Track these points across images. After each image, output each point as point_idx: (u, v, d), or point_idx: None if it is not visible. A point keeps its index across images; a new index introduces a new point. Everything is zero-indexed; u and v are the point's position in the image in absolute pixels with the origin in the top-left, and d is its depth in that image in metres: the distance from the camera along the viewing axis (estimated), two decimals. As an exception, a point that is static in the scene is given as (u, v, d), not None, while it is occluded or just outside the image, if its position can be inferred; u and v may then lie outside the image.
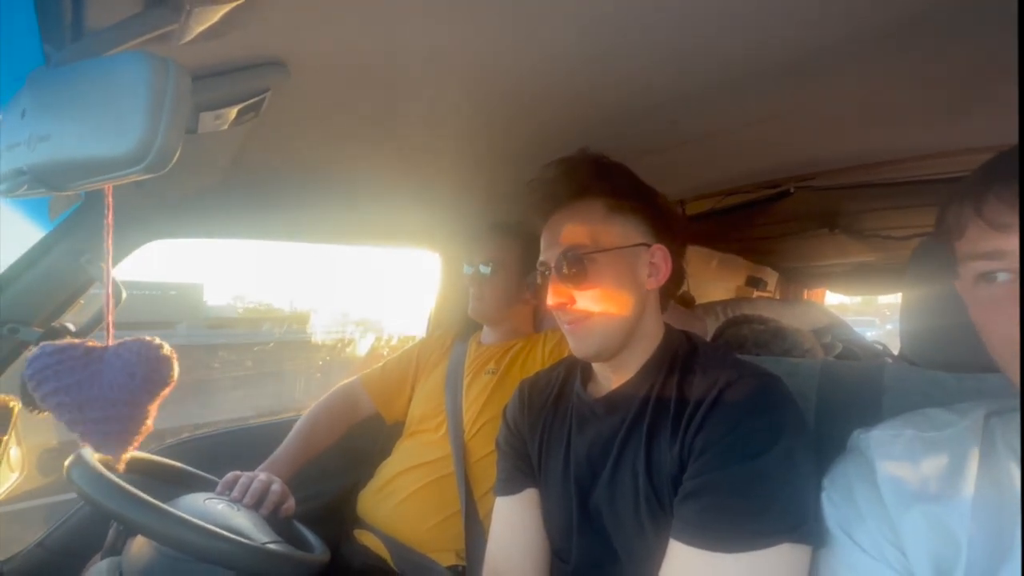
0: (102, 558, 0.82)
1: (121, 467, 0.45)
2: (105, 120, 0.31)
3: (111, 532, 0.84)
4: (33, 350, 0.44)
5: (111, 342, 0.44)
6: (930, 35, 0.65)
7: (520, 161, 1.04)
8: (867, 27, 0.63)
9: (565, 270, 0.70)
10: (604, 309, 0.69)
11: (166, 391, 0.45)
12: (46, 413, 0.76)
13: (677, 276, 0.76)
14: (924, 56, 0.70)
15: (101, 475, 0.69)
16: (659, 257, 0.73)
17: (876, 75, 0.75)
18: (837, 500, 0.56)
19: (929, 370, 0.71)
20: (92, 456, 0.73)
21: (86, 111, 0.32)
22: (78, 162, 0.32)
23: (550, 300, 0.71)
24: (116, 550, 0.82)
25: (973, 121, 0.92)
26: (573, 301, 0.70)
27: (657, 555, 0.60)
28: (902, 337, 0.74)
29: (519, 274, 1.23)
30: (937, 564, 0.48)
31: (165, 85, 0.30)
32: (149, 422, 0.44)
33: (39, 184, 0.35)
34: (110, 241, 0.44)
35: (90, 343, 0.44)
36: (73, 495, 0.71)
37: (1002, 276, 0.46)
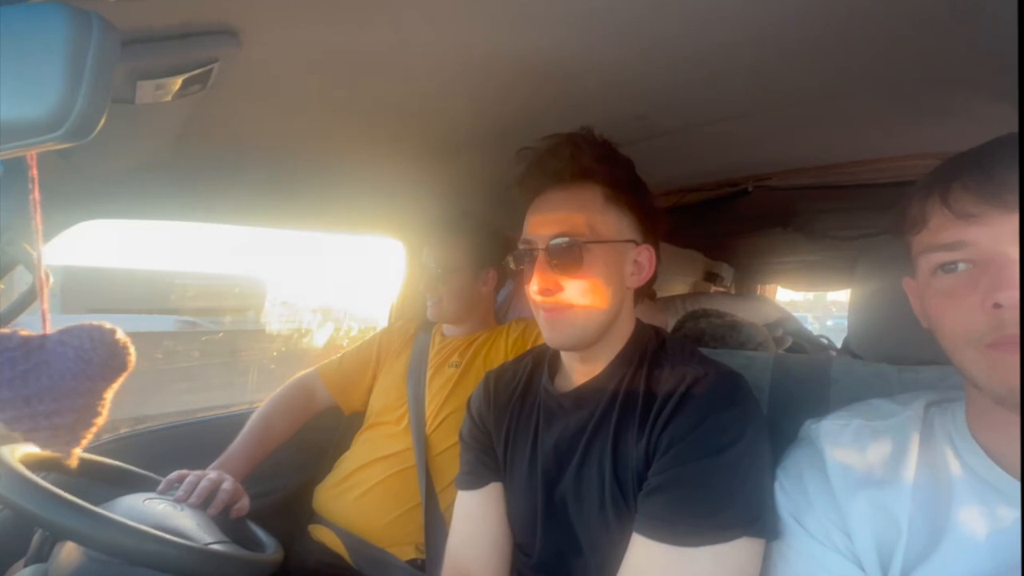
0: (25, 565, 0.75)
1: (74, 463, 0.40)
2: (16, 77, 0.27)
3: (36, 537, 0.77)
4: None
5: (48, 330, 0.40)
6: (888, 45, 0.67)
7: (483, 150, 1.02)
8: (830, 34, 0.65)
9: (557, 256, 0.67)
10: (587, 302, 0.68)
11: (122, 378, 0.41)
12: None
13: (653, 276, 0.75)
14: (881, 65, 0.73)
15: (20, 475, 0.63)
16: (645, 257, 0.72)
17: (835, 80, 0.78)
18: (788, 489, 0.58)
19: (872, 363, 0.75)
20: (11, 456, 0.67)
21: (-8, 66, 0.28)
22: (-17, 125, 0.28)
23: (535, 286, 0.68)
24: (42, 556, 0.76)
25: (924, 128, 0.97)
26: (560, 289, 0.68)
27: (620, 548, 0.61)
28: (850, 331, 0.78)
29: (473, 270, 1.21)
30: (879, 546, 0.51)
31: (87, 41, 0.26)
32: (104, 413, 0.40)
33: (-63, 150, 0.30)
34: (38, 219, 0.39)
35: (22, 332, 0.39)
36: None
37: (961, 267, 0.47)
